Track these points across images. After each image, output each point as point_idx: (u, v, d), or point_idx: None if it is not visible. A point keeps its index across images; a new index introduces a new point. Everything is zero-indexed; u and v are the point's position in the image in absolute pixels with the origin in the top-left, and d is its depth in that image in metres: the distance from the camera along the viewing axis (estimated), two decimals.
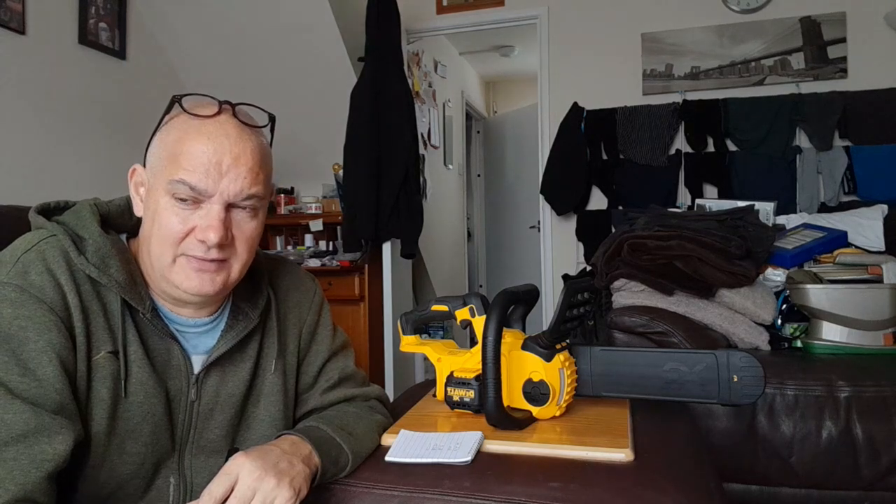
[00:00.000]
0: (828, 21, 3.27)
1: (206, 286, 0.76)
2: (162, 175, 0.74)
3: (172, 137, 0.75)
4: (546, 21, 3.72)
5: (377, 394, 0.99)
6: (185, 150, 0.73)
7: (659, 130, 3.43)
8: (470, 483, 0.74)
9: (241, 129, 0.76)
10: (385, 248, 3.23)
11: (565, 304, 0.90)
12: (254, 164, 0.75)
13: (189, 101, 0.76)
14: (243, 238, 0.77)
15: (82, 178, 2.76)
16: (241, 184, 0.74)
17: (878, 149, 3.13)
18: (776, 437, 1.59)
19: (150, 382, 0.76)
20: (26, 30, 2.48)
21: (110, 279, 0.73)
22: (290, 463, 0.71)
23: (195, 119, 0.74)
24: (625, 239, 2.08)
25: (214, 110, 0.75)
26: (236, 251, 0.77)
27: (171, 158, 0.74)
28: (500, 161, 5.90)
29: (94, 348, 0.72)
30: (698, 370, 0.92)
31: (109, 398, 0.73)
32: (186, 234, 0.74)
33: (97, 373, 0.72)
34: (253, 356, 0.86)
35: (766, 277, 2.11)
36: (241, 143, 0.75)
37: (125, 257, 0.77)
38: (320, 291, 0.99)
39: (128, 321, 0.75)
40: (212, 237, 0.73)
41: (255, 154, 0.76)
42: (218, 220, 0.73)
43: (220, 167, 0.73)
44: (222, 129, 0.74)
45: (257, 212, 0.79)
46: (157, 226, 0.74)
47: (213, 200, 0.73)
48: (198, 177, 0.72)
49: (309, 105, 3.44)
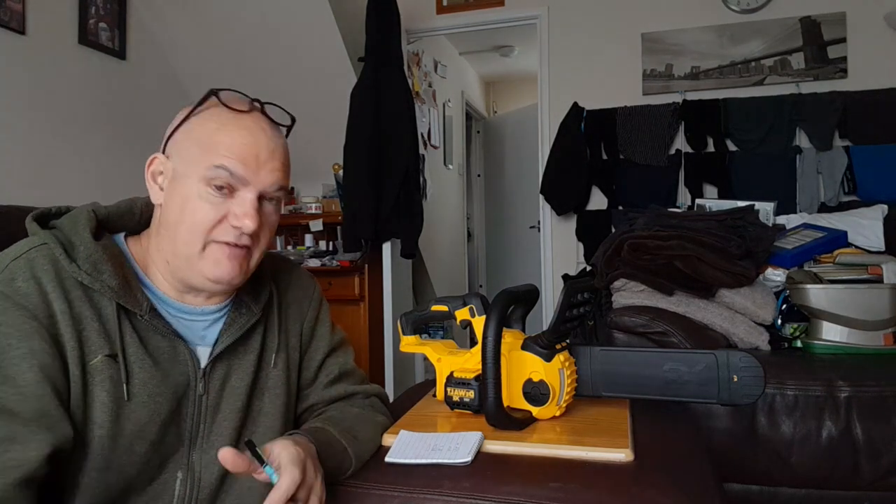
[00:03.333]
0: (828, 21, 3.27)
1: (234, 272, 0.79)
2: (198, 162, 0.76)
3: (210, 127, 0.77)
4: (546, 21, 3.72)
5: (377, 391, 1.00)
6: (224, 139, 0.76)
7: (659, 130, 3.43)
8: (470, 483, 0.74)
9: (273, 127, 0.81)
10: (385, 248, 3.23)
11: (565, 304, 0.90)
12: (285, 160, 0.81)
13: (225, 94, 0.80)
14: (268, 228, 0.82)
15: (82, 178, 2.76)
16: (275, 176, 0.79)
17: (878, 149, 3.13)
18: (776, 437, 1.59)
19: (152, 382, 0.76)
20: (26, 30, 2.48)
21: (102, 285, 0.74)
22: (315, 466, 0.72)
23: (231, 112, 0.78)
24: (625, 239, 2.08)
25: (247, 106, 0.80)
26: (259, 240, 0.81)
27: (209, 146, 0.76)
28: (500, 161, 5.90)
29: (90, 353, 0.72)
30: (698, 370, 0.92)
31: (110, 401, 0.72)
32: (219, 221, 0.77)
33: (94, 377, 0.72)
34: (256, 349, 0.87)
35: (766, 277, 2.11)
36: (276, 140, 0.80)
37: (118, 261, 0.77)
38: (319, 289, 1.01)
39: (125, 324, 0.76)
40: (248, 224, 0.76)
41: (285, 151, 0.82)
42: (254, 209, 0.77)
43: (259, 159, 0.77)
44: (258, 125, 0.79)
45: (280, 204, 0.84)
46: (187, 213, 0.76)
47: (249, 189, 0.77)
48: (238, 164, 0.76)
49: (309, 105, 3.43)
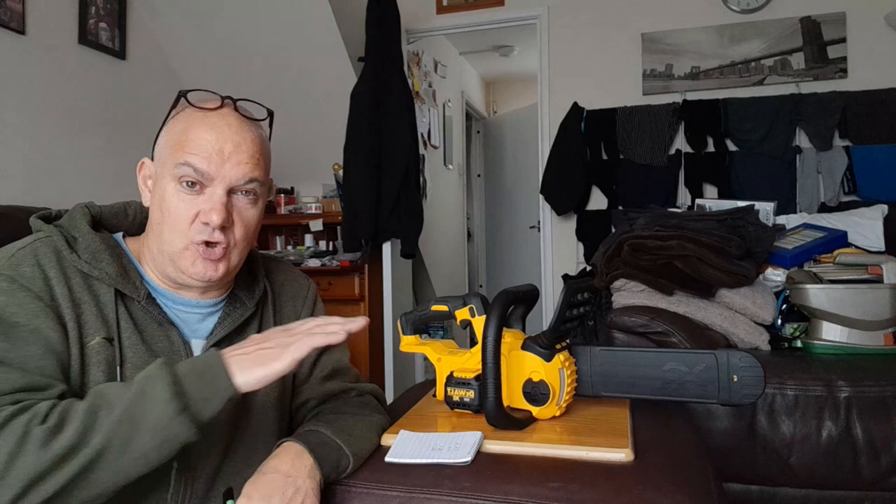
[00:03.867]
0: (828, 21, 3.27)
1: (209, 272, 0.81)
2: (169, 162, 0.80)
3: (178, 128, 0.81)
4: (546, 21, 3.72)
5: (371, 389, 1.01)
6: (189, 137, 0.79)
7: (659, 130, 3.43)
8: (470, 483, 0.74)
9: (241, 121, 0.82)
10: (385, 248, 3.23)
11: (565, 304, 0.90)
12: (254, 152, 0.82)
13: (194, 95, 0.83)
14: (242, 224, 0.83)
15: (82, 178, 2.76)
16: (242, 169, 0.80)
17: (878, 149, 3.13)
18: (776, 437, 1.59)
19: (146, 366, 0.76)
20: (26, 30, 2.48)
21: (101, 272, 0.78)
22: (296, 487, 0.72)
23: (199, 111, 0.81)
24: (625, 239, 2.08)
25: (217, 104, 0.82)
26: (235, 238, 0.82)
27: (176, 146, 0.79)
28: (500, 161, 5.90)
29: (87, 334, 0.76)
30: (698, 370, 0.92)
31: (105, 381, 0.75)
32: (193, 218, 0.79)
33: (92, 357, 0.76)
34: None
35: (766, 277, 2.11)
36: (242, 133, 0.81)
37: (116, 252, 0.82)
38: (314, 287, 1.03)
39: (121, 310, 0.79)
40: (214, 218, 0.78)
41: (255, 143, 0.82)
42: (220, 203, 0.79)
43: (223, 153, 0.79)
44: (224, 120, 0.81)
45: (258, 199, 0.84)
46: (166, 212, 0.80)
47: (216, 184, 0.79)
48: (202, 160, 0.78)
49: (309, 105, 3.44)
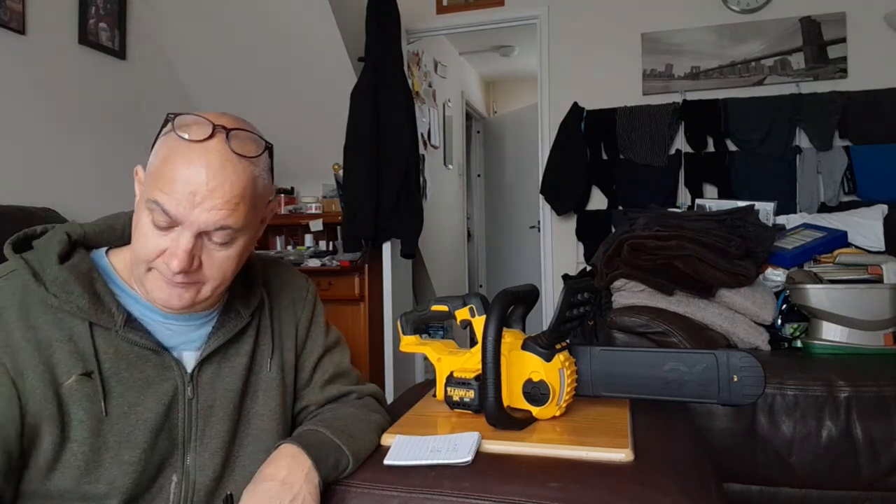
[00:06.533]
0: (828, 21, 3.27)
1: (173, 300, 0.76)
2: (147, 188, 0.75)
3: (162, 153, 0.75)
4: (546, 21, 3.72)
5: (371, 391, 1.00)
6: (165, 171, 0.73)
7: (659, 130, 3.43)
8: (470, 483, 0.74)
9: (227, 158, 0.74)
10: (385, 248, 3.23)
11: (565, 304, 0.90)
12: (232, 196, 0.73)
13: (182, 120, 0.75)
14: (213, 265, 0.77)
15: (82, 178, 2.76)
16: (214, 215, 0.73)
17: (878, 149, 3.13)
18: (776, 437, 1.60)
19: (130, 394, 0.76)
20: (26, 30, 2.48)
21: (72, 305, 0.74)
22: (293, 494, 0.72)
23: (181, 141, 0.73)
24: (625, 239, 2.08)
25: (206, 134, 0.73)
26: (205, 275, 0.77)
27: (155, 175, 0.74)
28: (500, 161, 5.90)
29: (62, 374, 0.72)
30: (698, 370, 0.92)
31: (88, 418, 0.73)
32: (160, 253, 0.74)
33: (71, 397, 0.73)
34: (248, 353, 0.87)
35: (766, 277, 2.11)
36: (223, 174, 0.73)
37: (88, 279, 0.77)
38: (313, 289, 1.01)
39: (99, 341, 0.75)
40: (175, 264, 0.73)
41: (235, 186, 0.74)
42: (183, 251, 0.73)
43: (195, 197, 0.72)
44: (206, 158, 0.72)
45: (234, 241, 0.77)
46: (136, 238, 0.76)
47: (184, 228, 0.73)
48: (171, 202, 0.72)
49: (309, 105, 3.44)
